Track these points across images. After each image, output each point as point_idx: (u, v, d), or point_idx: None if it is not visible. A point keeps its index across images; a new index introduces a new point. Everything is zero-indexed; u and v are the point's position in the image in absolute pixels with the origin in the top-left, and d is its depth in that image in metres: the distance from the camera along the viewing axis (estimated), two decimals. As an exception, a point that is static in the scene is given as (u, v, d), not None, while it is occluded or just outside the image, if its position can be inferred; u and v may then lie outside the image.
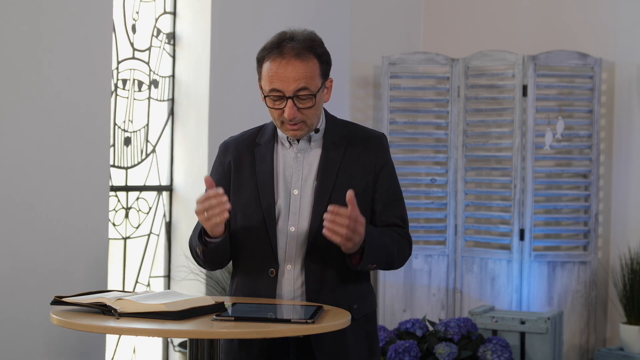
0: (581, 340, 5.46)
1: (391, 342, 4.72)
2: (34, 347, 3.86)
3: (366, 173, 2.57)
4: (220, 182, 2.61)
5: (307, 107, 2.48)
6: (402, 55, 5.76)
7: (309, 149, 2.57)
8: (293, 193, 2.54)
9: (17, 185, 3.80)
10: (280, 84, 2.45)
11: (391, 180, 2.60)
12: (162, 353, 4.80)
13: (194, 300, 2.25)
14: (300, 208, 2.53)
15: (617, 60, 5.64)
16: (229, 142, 2.67)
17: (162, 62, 4.84)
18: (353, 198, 2.37)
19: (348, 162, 2.56)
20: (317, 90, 2.48)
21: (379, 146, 2.60)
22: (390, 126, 5.70)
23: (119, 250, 4.59)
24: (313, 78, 2.47)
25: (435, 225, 5.67)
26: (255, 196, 2.54)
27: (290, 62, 2.45)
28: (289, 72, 2.44)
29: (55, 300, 2.30)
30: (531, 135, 5.43)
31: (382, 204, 2.58)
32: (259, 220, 2.53)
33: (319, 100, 2.51)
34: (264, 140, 2.61)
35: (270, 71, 2.47)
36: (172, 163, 4.88)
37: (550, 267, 5.44)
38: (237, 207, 2.57)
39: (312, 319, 2.16)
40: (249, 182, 2.57)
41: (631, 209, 5.60)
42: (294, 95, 2.45)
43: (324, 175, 2.54)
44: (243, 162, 2.60)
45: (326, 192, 2.52)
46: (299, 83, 2.45)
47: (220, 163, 2.65)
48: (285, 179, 2.56)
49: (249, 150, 2.61)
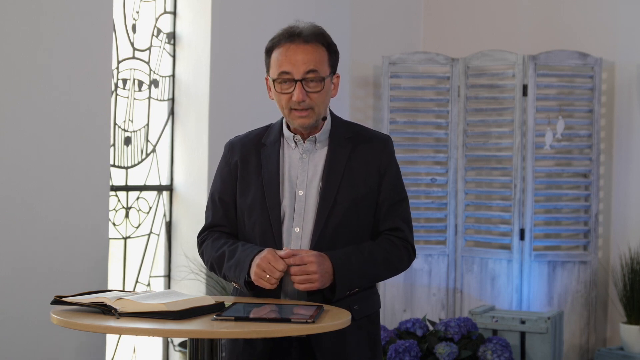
0: (581, 340, 5.46)
1: (391, 341, 4.72)
2: (34, 347, 3.86)
3: (371, 175, 2.56)
4: (226, 182, 2.62)
5: (315, 91, 2.49)
6: (402, 55, 5.76)
7: (315, 150, 2.57)
8: (298, 194, 2.54)
9: (17, 185, 3.80)
10: (289, 66, 2.48)
11: (395, 182, 2.60)
12: (162, 353, 4.80)
13: (194, 300, 2.25)
14: (305, 209, 2.53)
15: (617, 60, 5.64)
16: (235, 142, 2.67)
17: (162, 61, 4.84)
18: (290, 252, 2.40)
19: (353, 163, 2.56)
20: (326, 76, 2.51)
21: (385, 148, 2.60)
22: (390, 126, 5.70)
23: (119, 250, 4.59)
24: (322, 63, 2.50)
25: (436, 225, 5.66)
26: (261, 197, 2.55)
27: (299, 46, 2.49)
28: (298, 54, 2.48)
29: (56, 300, 2.30)
30: (531, 135, 5.43)
31: (385, 207, 2.57)
32: (264, 221, 2.53)
33: (327, 87, 2.53)
34: (269, 140, 2.61)
35: (280, 56, 2.50)
36: (172, 163, 4.88)
37: (551, 266, 5.44)
38: (244, 207, 2.57)
39: (312, 319, 2.16)
40: (255, 182, 2.57)
41: (631, 208, 5.60)
42: (302, 78, 2.47)
43: (329, 177, 2.54)
44: (249, 162, 2.60)
45: (331, 193, 2.52)
46: (308, 65, 2.48)
47: (227, 163, 2.65)
48: (290, 180, 2.56)
49: (255, 150, 2.61)
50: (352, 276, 2.47)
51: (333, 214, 2.51)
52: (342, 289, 2.45)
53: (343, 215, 2.51)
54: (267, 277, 2.40)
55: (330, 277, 2.43)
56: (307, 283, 2.40)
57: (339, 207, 2.51)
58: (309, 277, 2.39)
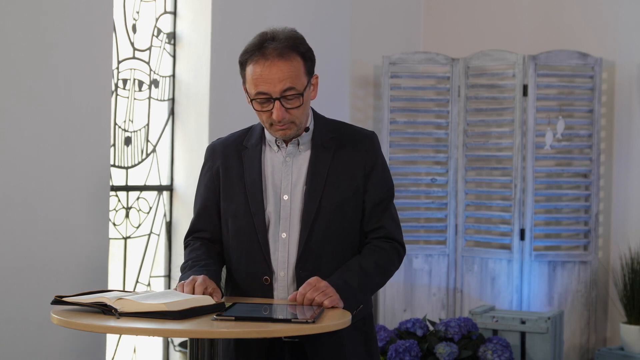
0: (581, 340, 5.46)
1: (392, 341, 4.72)
2: (34, 347, 3.86)
3: (356, 174, 2.52)
4: (208, 187, 2.59)
5: (294, 107, 2.44)
6: (402, 55, 5.76)
7: (298, 153, 2.53)
8: (283, 198, 2.50)
9: (17, 185, 3.80)
10: (266, 86, 2.41)
11: (381, 180, 2.56)
12: (162, 353, 4.80)
13: (195, 300, 2.25)
14: (291, 214, 2.49)
15: (618, 60, 5.64)
16: (216, 145, 2.63)
17: (162, 61, 4.84)
18: (293, 297, 2.36)
19: (337, 164, 2.52)
20: (304, 89, 2.44)
21: (369, 146, 2.56)
22: (390, 126, 5.70)
23: (120, 250, 4.59)
24: (299, 77, 2.43)
25: (436, 225, 5.66)
26: (245, 202, 2.51)
27: (274, 63, 2.40)
28: (273, 73, 2.40)
29: (56, 300, 2.30)
30: (531, 135, 5.43)
31: (370, 206, 2.53)
32: (249, 227, 2.50)
33: (306, 99, 2.47)
34: (251, 143, 2.57)
35: (254, 74, 2.42)
36: (172, 163, 4.88)
37: (551, 266, 5.44)
38: (228, 212, 2.54)
39: (312, 319, 2.16)
40: (238, 187, 2.53)
41: (631, 208, 5.60)
42: (280, 96, 2.41)
43: (313, 179, 2.49)
44: (231, 167, 2.56)
45: (316, 196, 2.48)
46: (284, 83, 2.40)
47: (209, 168, 2.61)
48: (274, 184, 2.52)
49: (237, 153, 2.57)
50: (354, 293, 2.43)
51: (319, 217, 2.47)
52: (349, 308, 2.40)
53: (329, 219, 2.48)
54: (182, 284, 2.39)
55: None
56: (326, 297, 2.34)
57: (324, 211, 2.47)
58: (325, 292, 2.35)
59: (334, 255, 2.49)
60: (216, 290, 2.39)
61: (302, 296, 2.34)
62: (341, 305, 2.36)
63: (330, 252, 2.49)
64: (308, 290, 2.34)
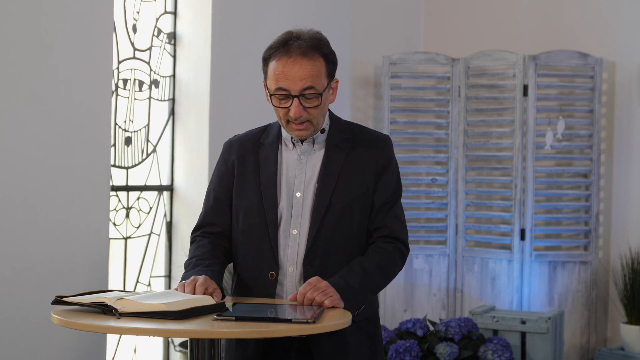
0: (582, 340, 5.46)
1: (392, 341, 4.72)
2: (34, 347, 3.86)
3: (367, 175, 2.55)
4: (223, 180, 2.61)
5: (313, 107, 2.47)
6: (402, 55, 5.76)
7: (313, 151, 2.56)
8: (296, 196, 2.53)
9: (17, 185, 3.80)
10: (286, 82, 2.44)
11: (391, 182, 2.58)
12: (162, 353, 4.80)
13: (195, 300, 2.25)
14: (303, 211, 2.52)
15: (618, 60, 5.64)
16: (233, 141, 2.66)
17: (162, 62, 4.84)
18: (293, 296, 2.37)
19: (350, 164, 2.54)
20: (323, 90, 2.47)
21: (383, 148, 2.59)
22: (390, 126, 5.70)
23: (120, 250, 4.59)
24: (319, 77, 2.46)
25: (436, 225, 5.66)
26: (258, 198, 2.54)
27: (296, 60, 2.44)
28: (295, 70, 2.43)
29: (56, 300, 2.30)
30: (532, 135, 5.43)
31: (378, 205, 2.55)
32: (261, 223, 2.52)
33: (325, 100, 2.50)
34: (268, 141, 2.60)
35: (276, 70, 2.45)
36: (172, 163, 4.88)
37: (551, 266, 5.44)
38: (240, 208, 2.56)
39: (312, 319, 2.16)
40: (252, 183, 2.56)
41: (632, 208, 5.60)
42: (300, 94, 2.44)
43: (324, 178, 2.52)
44: (247, 163, 2.59)
45: (327, 194, 2.51)
46: (305, 82, 2.44)
47: (224, 162, 2.64)
48: (288, 181, 2.55)
49: (253, 150, 2.60)
50: (355, 293, 2.44)
51: (328, 215, 2.49)
52: (350, 309, 2.40)
53: (338, 217, 2.50)
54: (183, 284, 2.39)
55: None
56: (327, 297, 2.35)
57: (333, 208, 2.50)
58: (326, 292, 2.36)
59: (342, 253, 2.51)
60: (217, 290, 2.39)
61: (302, 296, 2.35)
62: (341, 305, 2.37)
63: (338, 249, 2.50)
64: (308, 290, 2.35)
